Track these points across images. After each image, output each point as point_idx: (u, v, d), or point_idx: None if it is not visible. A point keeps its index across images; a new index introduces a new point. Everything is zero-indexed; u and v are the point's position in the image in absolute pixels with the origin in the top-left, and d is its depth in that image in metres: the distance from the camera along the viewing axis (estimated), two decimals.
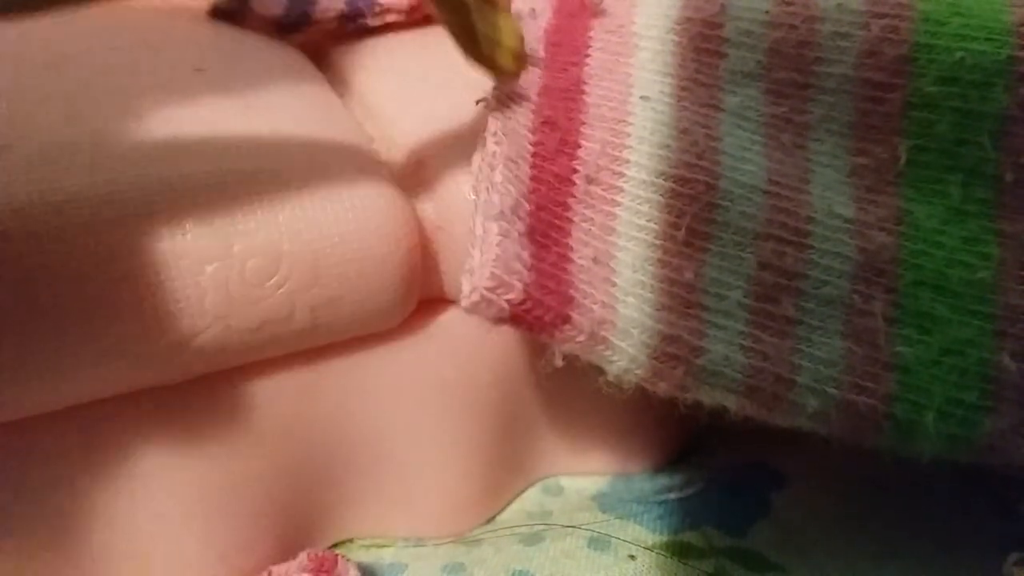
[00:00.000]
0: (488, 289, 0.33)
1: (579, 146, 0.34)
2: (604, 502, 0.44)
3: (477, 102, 0.38)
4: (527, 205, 0.34)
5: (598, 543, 0.41)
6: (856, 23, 0.32)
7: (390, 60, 0.49)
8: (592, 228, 0.33)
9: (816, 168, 0.33)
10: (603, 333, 0.32)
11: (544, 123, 0.34)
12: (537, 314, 0.33)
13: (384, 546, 0.42)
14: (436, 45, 0.50)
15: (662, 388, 0.33)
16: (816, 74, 0.33)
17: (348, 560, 0.39)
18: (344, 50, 0.51)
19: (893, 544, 0.41)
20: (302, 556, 0.39)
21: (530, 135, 0.34)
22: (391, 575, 0.40)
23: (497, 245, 0.33)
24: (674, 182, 0.32)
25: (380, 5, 0.51)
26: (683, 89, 0.34)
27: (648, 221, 0.32)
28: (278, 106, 0.42)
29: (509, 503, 0.45)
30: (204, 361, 0.35)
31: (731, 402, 0.32)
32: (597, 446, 0.46)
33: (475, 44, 0.36)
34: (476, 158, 0.36)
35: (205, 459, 0.37)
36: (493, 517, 0.45)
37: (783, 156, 0.33)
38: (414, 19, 0.52)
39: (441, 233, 0.39)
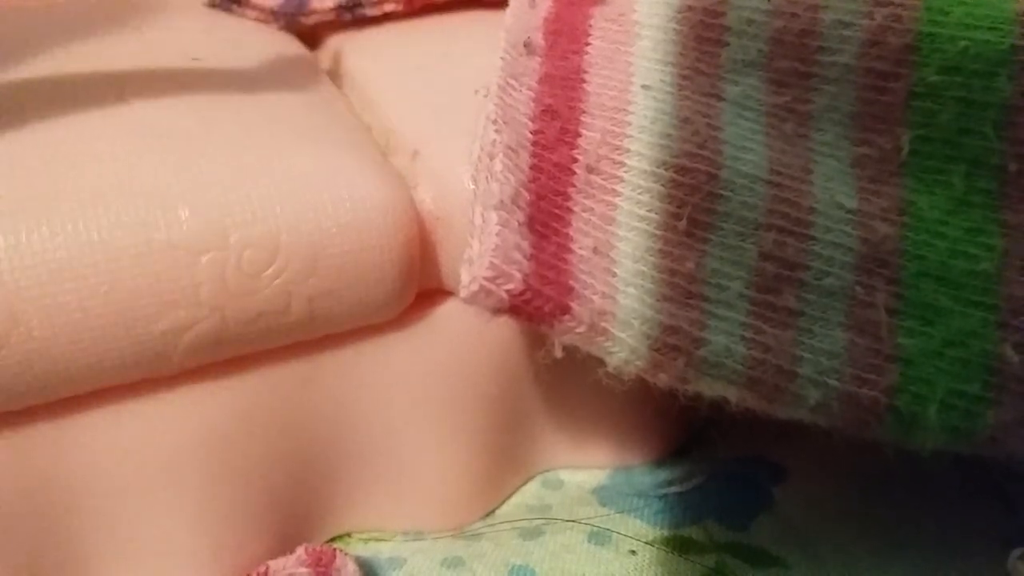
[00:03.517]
0: (487, 279, 0.33)
1: (579, 135, 0.34)
2: (604, 496, 0.44)
3: (476, 91, 0.37)
4: (527, 195, 0.33)
5: (598, 537, 0.41)
6: (859, 12, 0.32)
7: (388, 49, 0.49)
8: (592, 218, 0.33)
9: (818, 158, 0.33)
10: (603, 324, 0.32)
11: (544, 112, 0.34)
12: (537, 305, 0.33)
13: (383, 540, 0.42)
14: (434, 34, 0.50)
15: (663, 380, 0.32)
16: (818, 63, 0.33)
17: (346, 554, 0.38)
18: (342, 39, 0.51)
19: (895, 537, 0.40)
20: (300, 550, 0.38)
21: (530, 124, 0.34)
22: (390, 569, 0.40)
23: (496, 235, 0.33)
24: (675, 172, 0.32)
25: None
26: (684, 78, 0.33)
27: (649, 211, 0.32)
28: (275, 95, 0.42)
29: (508, 497, 0.45)
30: (200, 353, 0.35)
31: (732, 394, 0.32)
32: (597, 439, 0.46)
33: None
34: (475, 147, 0.36)
35: (201, 453, 0.37)
36: (492, 511, 0.44)
37: (785, 146, 0.33)
38: (412, 8, 0.51)
39: (439, 223, 0.38)
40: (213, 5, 0.52)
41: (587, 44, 0.35)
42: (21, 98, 0.38)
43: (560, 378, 0.43)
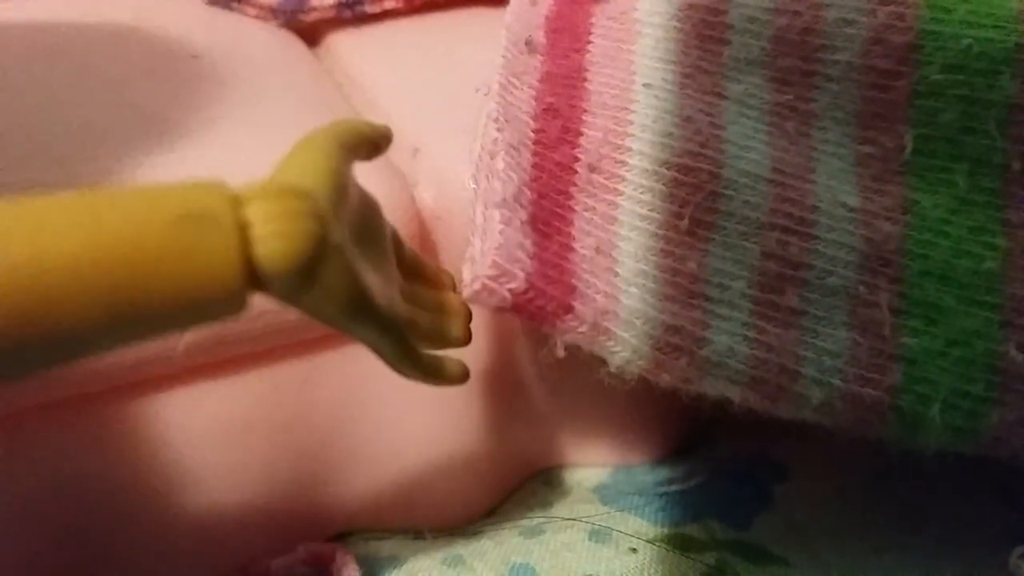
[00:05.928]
0: (490, 278, 0.32)
1: (581, 134, 0.33)
2: (605, 494, 0.44)
3: (477, 90, 0.37)
4: (529, 193, 0.33)
5: (599, 535, 0.41)
6: (862, 10, 0.32)
7: (388, 47, 0.49)
8: (594, 217, 0.33)
9: (821, 157, 0.33)
10: (606, 323, 0.32)
11: (546, 110, 0.34)
12: (539, 303, 0.33)
13: (383, 539, 0.42)
14: (434, 32, 0.50)
15: (665, 379, 0.32)
16: (821, 61, 0.33)
17: (346, 553, 0.38)
18: (341, 37, 0.51)
19: (897, 537, 0.40)
20: (300, 549, 0.38)
21: (531, 122, 0.34)
22: (389, 568, 0.40)
23: (499, 233, 0.33)
24: (677, 171, 0.32)
25: None
26: (686, 77, 0.33)
27: (651, 210, 0.32)
28: (274, 93, 0.42)
29: (509, 495, 0.45)
30: (201, 351, 0.34)
31: (735, 393, 0.32)
32: (599, 437, 0.46)
33: (414, 362, 0.31)
34: (476, 145, 0.36)
35: (202, 452, 0.37)
36: (493, 509, 0.44)
37: (787, 145, 0.33)
38: (413, 6, 0.51)
39: (440, 222, 0.38)
40: (213, 3, 0.52)
41: (589, 42, 0.35)
42: (19, 94, 0.38)
43: (562, 377, 0.43)
